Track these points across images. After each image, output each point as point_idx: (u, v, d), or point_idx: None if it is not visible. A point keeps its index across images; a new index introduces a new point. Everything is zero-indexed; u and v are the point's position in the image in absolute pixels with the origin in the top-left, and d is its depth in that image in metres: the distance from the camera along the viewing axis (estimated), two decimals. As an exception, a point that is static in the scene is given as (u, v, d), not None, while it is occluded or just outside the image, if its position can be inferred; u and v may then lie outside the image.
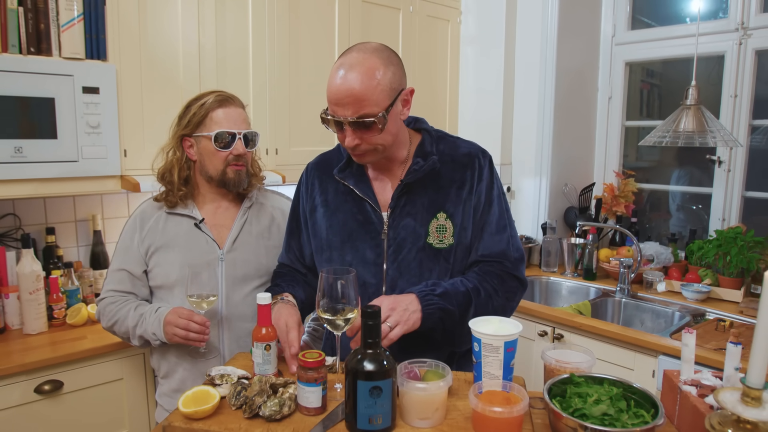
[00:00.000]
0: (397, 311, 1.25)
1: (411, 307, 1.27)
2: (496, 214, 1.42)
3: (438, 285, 1.34)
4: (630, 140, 3.32)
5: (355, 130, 1.27)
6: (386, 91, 1.26)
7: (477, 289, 1.35)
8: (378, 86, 1.24)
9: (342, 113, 1.25)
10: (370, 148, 1.31)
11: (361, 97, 1.23)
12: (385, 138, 1.30)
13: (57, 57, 1.91)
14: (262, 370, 1.25)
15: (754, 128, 2.78)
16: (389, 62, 1.28)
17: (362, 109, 1.24)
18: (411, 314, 1.26)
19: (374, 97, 1.24)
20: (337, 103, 1.25)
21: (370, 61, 1.25)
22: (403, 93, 1.32)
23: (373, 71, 1.24)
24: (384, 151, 1.34)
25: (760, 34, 2.68)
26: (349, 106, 1.24)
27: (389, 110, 1.27)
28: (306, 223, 1.53)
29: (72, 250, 2.36)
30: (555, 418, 1.00)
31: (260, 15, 2.40)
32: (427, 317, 1.28)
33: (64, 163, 1.93)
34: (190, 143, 1.62)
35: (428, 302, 1.29)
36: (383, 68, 1.25)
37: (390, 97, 1.27)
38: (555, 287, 3.01)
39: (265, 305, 1.25)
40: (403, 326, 1.25)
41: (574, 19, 3.14)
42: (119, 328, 1.60)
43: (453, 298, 1.32)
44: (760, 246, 2.52)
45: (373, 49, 1.28)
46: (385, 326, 1.23)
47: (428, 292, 1.31)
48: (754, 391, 0.85)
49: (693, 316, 2.42)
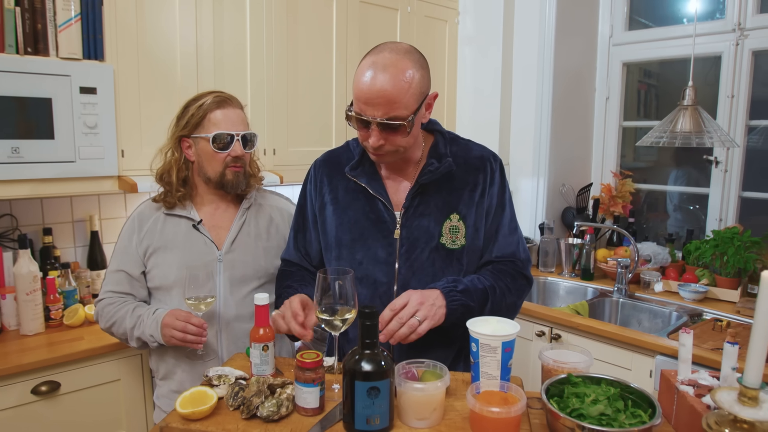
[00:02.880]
0: (425, 306, 1.27)
1: (437, 302, 1.29)
2: (508, 217, 1.47)
3: (459, 282, 1.36)
4: (627, 140, 3.32)
5: (382, 131, 1.27)
6: (416, 95, 1.26)
7: (493, 287, 1.39)
8: (410, 89, 1.24)
9: (371, 113, 1.25)
10: (392, 150, 1.32)
11: (393, 99, 1.23)
12: (408, 141, 1.32)
13: (54, 57, 1.90)
14: (260, 371, 1.24)
15: (751, 128, 2.78)
16: (420, 65, 1.28)
17: (392, 111, 1.24)
18: (437, 309, 1.28)
19: (405, 99, 1.24)
20: (368, 102, 1.24)
21: (403, 62, 1.24)
22: (429, 97, 1.33)
23: (405, 73, 1.24)
24: (404, 152, 1.35)
25: (757, 34, 2.68)
26: (380, 107, 1.24)
27: (416, 114, 1.27)
28: (315, 220, 1.52)
29: (69, 251, 2.35)
30: (552, 418, 1.00)
31: (258, 15, 2.40)
32: (450, 313, 1.31)
33: (62, 164, 1.92)
34: (188, 144, 1.62)
35: (452, 298, 1.31)
36: (415, 71, 1.25)
37: (418, 101, 1.27)
38: (553, 287, 3.01)
39: (263, 306, 1.25)
40: (430, 321, 1.26)
41: (571, 20, 3.14)
42: (117, 330, 1.60)
43: (473, 295, 1.35)
44: (757, 246, 2.53)
45: (405, 50, 1.28)
46: (414, 320, 1.24)
47: (451, 288, 1.33)
48: (751, 391, 0.86)
49: (690, 316, 2.42)
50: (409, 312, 1.25)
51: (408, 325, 1.24)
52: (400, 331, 1.23)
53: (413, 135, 1.32)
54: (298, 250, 1.57)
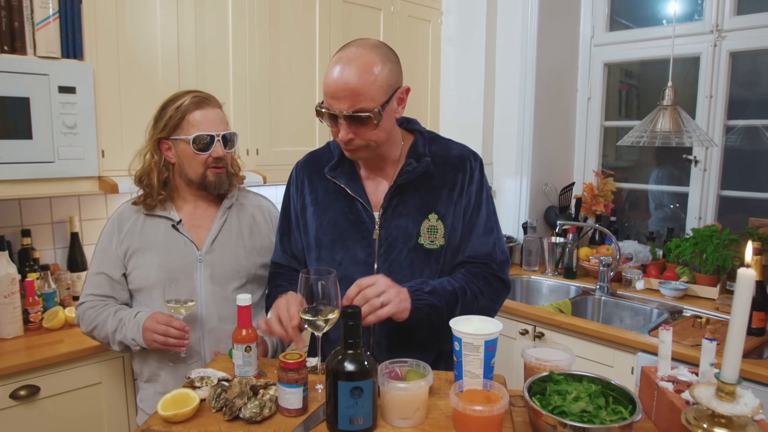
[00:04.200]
0: (393, 290, 1.25)
1: (403, 296, 1.28)
2: (483, 217, 1.45)
3: (426, 283, 1.35)
4: (609, 140, 3.36)
5: (350, 125, 1.27)
6: (383, 87, 1.26)
7: (464, 290, 1.37)
8: (375, 82, 1.24)
9: (338, 107, 1.25)
10: (363, 144, 1.31)
11: (358, 91, 1.23)
12: (378, 135, 1.30)
13: (32, 56, 1.87)
14: (243, 372, 1.24)
15: (729, 128, 2.83)
16: (387, 59, 1.28)
17: (358, 104, 1.24)
18: (402, 301, 1.27)
19: (371, 92, 1.24)
20: (333, 96, 1.25)
21: (368, 56, 1.25)
22: (399, 91, 1.32)
23: (370, 66, 1.24)
24: (377, 147, 1.34)
25: (735, 36, 2.73)
26: (345, 100, 1.24)
27: (385, 107, 1.27)
28: (297, 221, 1.52)
29: (49, 253, 2.32)
30: (535, 416, 1.00)
31: (240, 14, 2.39)
32: (415, 311, 1.29)
33: (40, 164, 1.89)
34: (167, 146, 1.60)
35: (418, 297, 1.30)
36: (381, 64, 1.26)
37: (386, 94, 1.27)
38: (536, 286, 3.03)
39: (245, 306, 1.24)
40: (393, 307, 1.24)
41: (553, 21, 3.17)
42: (99, 333, 1.58)
43: (441, 297, 1.34)
44: (735, 244, 2.57)
45: (371, 45, 1.29)
46: (377, 300, 1.22)
47: (418, 289, 1.32)
48: (728, 386, 0.87)
49: (671, 313, 2.46)
50: (375, 291, 1.23)
51: (370, 304, 1.22)
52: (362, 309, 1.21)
53: (384, 129, 1.31)
54: (285, 252, 1.56)
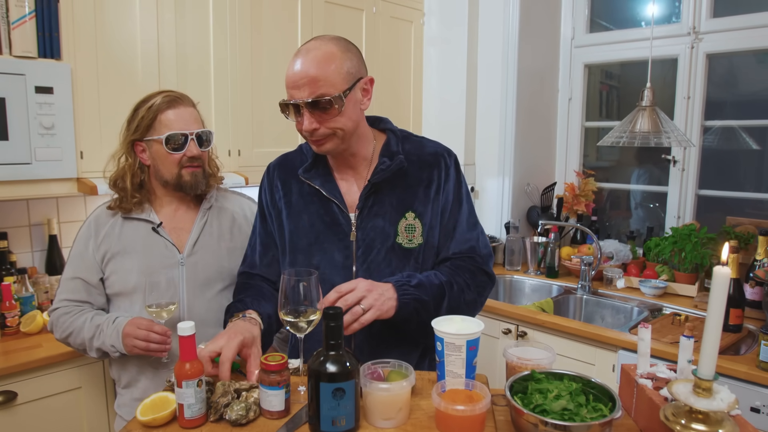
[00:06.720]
0: (373, 294, 1.23)
1: (387, 294, 1.26)
2: (465, 213, 1.45)
3: (413, 276, 1.34)
4: (590, 140, 3.39)
5: (312, 112, 1.27)
6: (342, 74, 1.26)
7: (450, 283, 1.37)
8: (334, 68, 1.25)
9: (299, 95, 1.26)
10: (329, 132, 1.30)
11: (317, 77, 1.24)
12: (344, 122, 1.29)
13: (7, 56, 1.84)
14: (195, 411, 1.07)
15: (706, 129, 2.88)
16: (346, 50, 1.30)
17: (318, 90, 1.24)
18: (386, 300, 1.25)
19: (330, 78, 1.25)
20: (294, 86, 1.26)
21: (326, 46, 1.27)
22: (362, 81, 1.32)
23: (328, 55, 1.26)
24: (344, 138, 1.32)
25: (711, 38, 2.77)
26: (305, 87, 1.25)
27: (347, 94, 1.27)
28: (272, 225, 1.49)
29: (26, 256, 2.28)
30: (516, 415, 1.01)
31: (221, 14, 2.37)
32: (402, 306, 1.28)
33: (16, 166, 1.86)
34: (142, 148, 1.57)
35: (404, 292, 1.29)
36: (339, 53, 1.27)
37: (347, 81, 1.27)
38: (518, 285, 3.05)
39: (188, 336, 1.08)
40: (376, 311, 1.23)
41: (534, 21, 3.19)
42: (74, 340, 1.54)
43: (428, 290, 1.33)
44: (713, 242, 2.61)
45: (330, 38, 1.31)
46: (358, 308, 1.21)
47: (404, 283, 1.31)
48: (705, 383, 0.88)
49: (651, 311, 2.49)
50: (355, 297, 1.21)
51: (351, 312, 1.20)
52: (345, 317, 1.19)
53: (349, 117, 1.30)
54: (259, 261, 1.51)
